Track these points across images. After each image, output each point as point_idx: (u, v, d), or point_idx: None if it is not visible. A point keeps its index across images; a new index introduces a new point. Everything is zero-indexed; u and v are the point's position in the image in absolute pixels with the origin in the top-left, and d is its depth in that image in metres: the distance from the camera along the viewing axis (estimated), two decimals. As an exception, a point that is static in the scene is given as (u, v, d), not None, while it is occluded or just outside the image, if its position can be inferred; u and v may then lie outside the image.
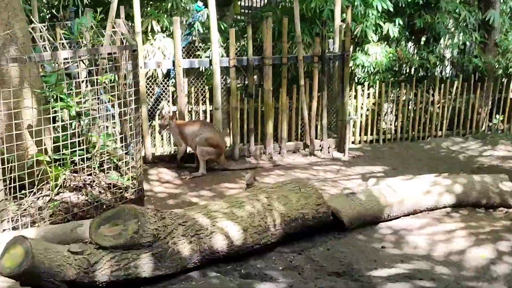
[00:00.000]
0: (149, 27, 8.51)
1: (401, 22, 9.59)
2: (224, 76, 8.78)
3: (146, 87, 8.21)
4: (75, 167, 5.79)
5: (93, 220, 4.15)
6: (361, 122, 9.48)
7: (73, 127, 5.63)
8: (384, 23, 9.50)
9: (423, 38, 10.51)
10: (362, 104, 9.47)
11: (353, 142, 9.44)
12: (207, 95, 8.46)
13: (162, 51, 8.39)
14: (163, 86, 8.71)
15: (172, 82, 8.46)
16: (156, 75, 8.67)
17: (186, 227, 4.28)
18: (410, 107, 9.89)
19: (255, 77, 9.33)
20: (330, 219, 5.15)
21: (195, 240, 4.25)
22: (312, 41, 8.91)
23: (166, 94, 8.72)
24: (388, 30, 9.50)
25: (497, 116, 10.54)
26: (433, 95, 9.85)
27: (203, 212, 4.51)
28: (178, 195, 6.79)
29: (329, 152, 8.66)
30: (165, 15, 8.55)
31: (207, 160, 7.60)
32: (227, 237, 4.40)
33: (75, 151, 5.59)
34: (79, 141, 5.59)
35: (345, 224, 5.21)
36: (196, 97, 8.59)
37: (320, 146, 8.72)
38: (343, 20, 8.64)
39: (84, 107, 5.72)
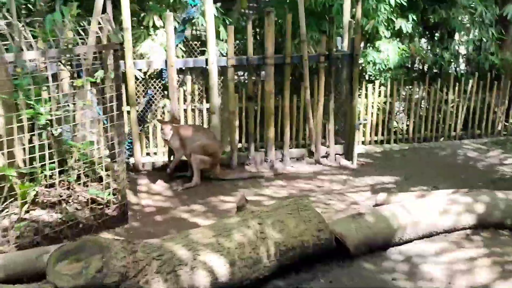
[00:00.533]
0: (151, 23, 7.92)
1: (414, 18, 9.15)
2: (222, 77, 8.13)
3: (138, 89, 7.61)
4: (50, 180, 5.18)
5: (51, 254, 3.52)
6: (371, 121, 8.85)
7: (42, 137, 4.99)
8: (396, 19, 9.08)
9: (437, 34, 10.00)
10: (373, 103, 8.86)
11: (363, 143, 8.83)
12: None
13: (164, 47, 7.75)
14: (155, 87, 8.06)
15: (165, 82, 7.79)
16: (156, 73, 8.09)
17: (162, 262, 3.64)
18: (422, 106, 9.35)
19: (262, 72, 8.64)
20: (333, 245, 4.50)
21: (172, 278, 3.62)
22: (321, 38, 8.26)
23: (159, 95, 8.08)
24: (400, 26, 9.09)
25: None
26: (447, 94, 9.34)
27: (184, 242, 3.87)
28: (168, 210, 6.14)
29: (336, 160, 7.96)
30: (167, 10, 7.93)
31: (201, 169, 6.96)
32: (211, 273, 3.75)
33: (49, 163, 4.99)
34: (51, 153, 4.98)
35: (351, 251, 4.56)
36: (200, 95, 7.98)
37: (326, 152, 8.03)
38: (353, 16, 7.95)
39: (56, 115, 5.06)
